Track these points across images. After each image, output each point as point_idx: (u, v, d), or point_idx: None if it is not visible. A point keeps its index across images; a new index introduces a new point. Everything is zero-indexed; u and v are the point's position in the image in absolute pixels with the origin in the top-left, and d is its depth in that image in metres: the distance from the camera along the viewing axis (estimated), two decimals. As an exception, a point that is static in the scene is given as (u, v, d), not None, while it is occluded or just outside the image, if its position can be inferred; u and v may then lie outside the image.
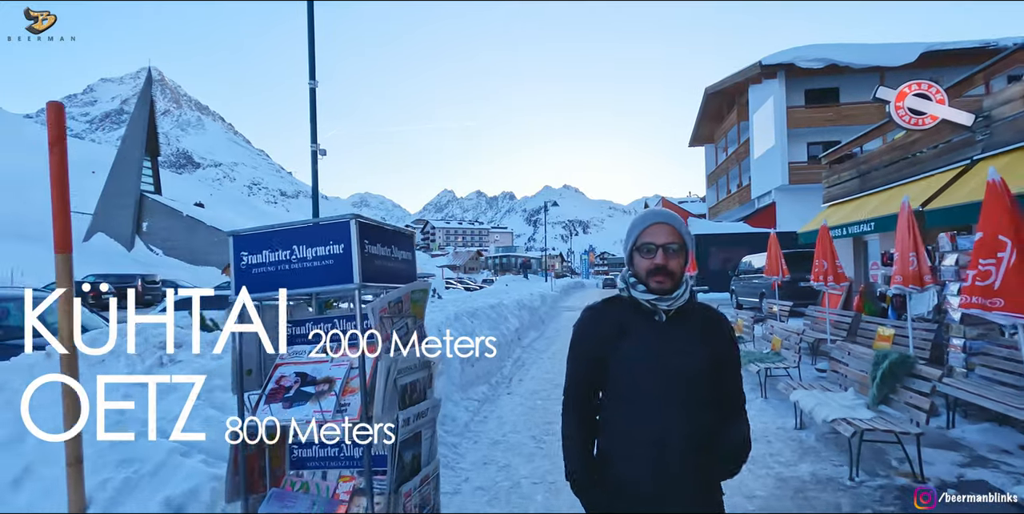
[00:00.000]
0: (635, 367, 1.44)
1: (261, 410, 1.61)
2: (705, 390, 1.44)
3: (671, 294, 1.43)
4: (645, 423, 1.41)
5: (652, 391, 1.42)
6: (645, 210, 1.55)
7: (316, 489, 1.70)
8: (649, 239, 1.45)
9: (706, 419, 1.41)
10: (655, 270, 1.42)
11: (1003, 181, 3.19)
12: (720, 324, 1.53)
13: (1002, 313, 3.07)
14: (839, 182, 11.38)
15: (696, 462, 1.40)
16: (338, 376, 1.63)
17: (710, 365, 1.44)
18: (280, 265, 1.64)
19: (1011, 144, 6.56)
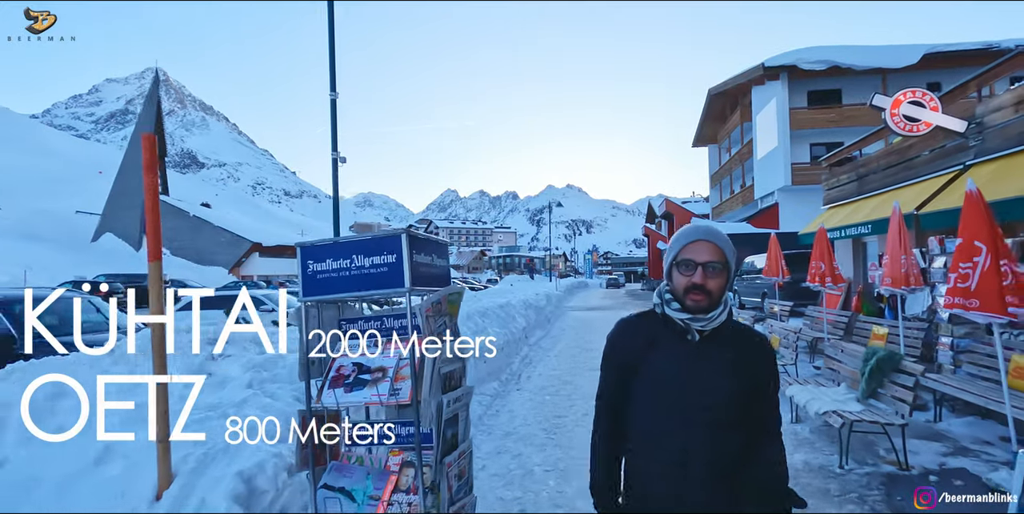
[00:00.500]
0: (659, 385, 1.42)
1: (326, 394, 1.90)
2: (733, 414, 1.39)
3: (707, 314, 1.39)
4: (667, 444, 1.39)
5: (675, 412, 1.39)
6: (689, 224, 1.51)
7: (370, 462, 1.99)
8: (689, 256, 1.40)
9: (733, 444, 1.37)
10: (692, 288, 1.38)
11: (979, 191, 3.45)
12: (759, 348, 1.47)
13: (978, 313, 3.35)
14: (838, 185, 11.63)
15: (720, 488, 1.37)
16: (389, 365, 1.92)
17: (742, 390, 1.40)
18: (341, 272, 1.93)
19: (1002, 150, 6.82)
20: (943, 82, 25.15)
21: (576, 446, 4.61)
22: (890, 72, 25.18)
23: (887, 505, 3.39)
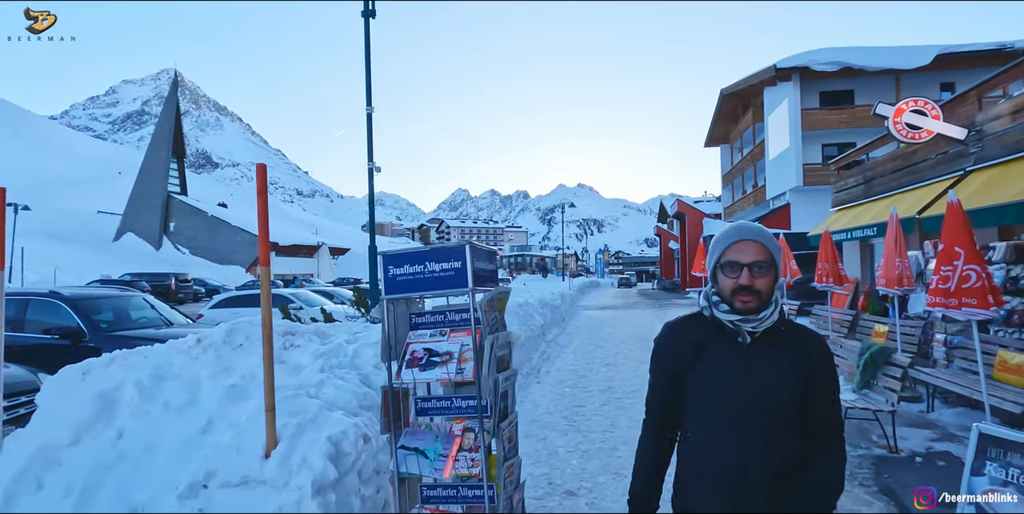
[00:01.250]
0: (713, 390, 1.40)
1: (404, 373, 2.37)
2: (791, 417, 1.37)
3: (757, 315, 1.36)
4: (723, 449, 1.37)
5: (731, 416, 1.37)
6: (731, 224, 1.48)
7: (436, 428, 2.46)
8: (734, 257, 1.38)
9: (791, 448, 1.34)
10: (740, 290, 1.35)
11: (959, 202, 3.84)
12: (815, 348, 1.43)
13: (958, 311, 3.75)
14: (846, 188, 11.95)
15: (778, 493, 1.34)
16: (454, 350, 2.38)
17: (799, 391, 1.36)
18: (416, 275, 2.40)
19: (1000, 157, 7.16)
20: (957, 82, 25.25)
21: (595, 431, 5.07)
22: (903, 73, 25.26)
23: (875, 481, 3.81)
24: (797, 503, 1.33)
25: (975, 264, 3.68)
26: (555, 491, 3.74)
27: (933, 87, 26.24)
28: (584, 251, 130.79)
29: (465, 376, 2.32)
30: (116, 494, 2.78)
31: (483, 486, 2.33)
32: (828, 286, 7.58)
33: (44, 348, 5.92)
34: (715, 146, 42.11)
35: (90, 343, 5.99)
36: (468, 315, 2.41)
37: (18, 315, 6.25)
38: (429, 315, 2.58)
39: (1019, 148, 6.85)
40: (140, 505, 2.70)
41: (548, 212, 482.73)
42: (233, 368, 3.33)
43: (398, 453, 2.39)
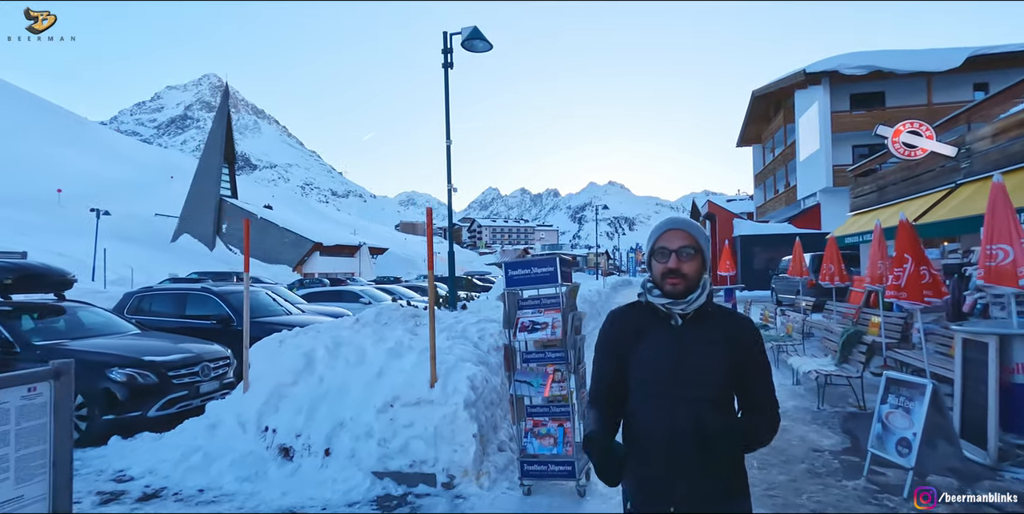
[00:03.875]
0: (649, 369, 1.49)
1: (519, 336, 3.86)
2: (719, 394, 1.47)
3: (685, 298, 1.47)
4: (657, 422, 1.47)
5: (665, 392, 1.46)
6: (664, 218, 1.62)
7: (536, 370, 3.94)
8: (663, 244, 1.50)
9: (719, 420, 1.39)
10: (668, 273, 1.47)
11: (907, 220, 5.12)
12: (743, 328, 1.53)
13: (907, 302, 5.02)
14: (862, 194, 13.01)
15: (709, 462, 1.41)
16: (548, 321, 3.85)
17: (728, 368, 1.47)
18: (525, 275, 3.87)
19: (985, 172, 8.27)
20: (991, 83, 25.49)
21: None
22: (934, 75, 25.60)
23: (841, 427, 5.15)
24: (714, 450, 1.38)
25: (926, 267, 4.98)
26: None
27: (966, 88, 26.52)
28: (615, 249, 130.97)
29: (556, 336, 3.82)
30: (328, 413, 4.39)
31: (567, 404, 3.84)
32: (834, 285, 8.80)
33: (203, 330, 7.68)
34: (747, 146, 42.55)
35: (238, 327, 7.72)
36: (557, 299, 3.91)
37: (180, 306, 8.06)
38: (529, 300, 4.08)
39: (999, 165, 7.98)
40: (346, 419, 4.29)
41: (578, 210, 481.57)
42: (386, 338, 4.91)
43: (515, 384, 3.90)
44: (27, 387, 2.04)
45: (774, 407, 1.53)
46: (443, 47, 7.84)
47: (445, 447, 3.93)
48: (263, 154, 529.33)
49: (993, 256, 4.04)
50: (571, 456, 3.72)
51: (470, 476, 3.85)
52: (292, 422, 4.38)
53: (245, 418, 4.50)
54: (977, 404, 4.07)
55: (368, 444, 4.08)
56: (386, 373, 4.51)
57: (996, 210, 4.11)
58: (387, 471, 3.95)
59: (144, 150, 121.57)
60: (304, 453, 4.21)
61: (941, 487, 3.61)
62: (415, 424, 4.04)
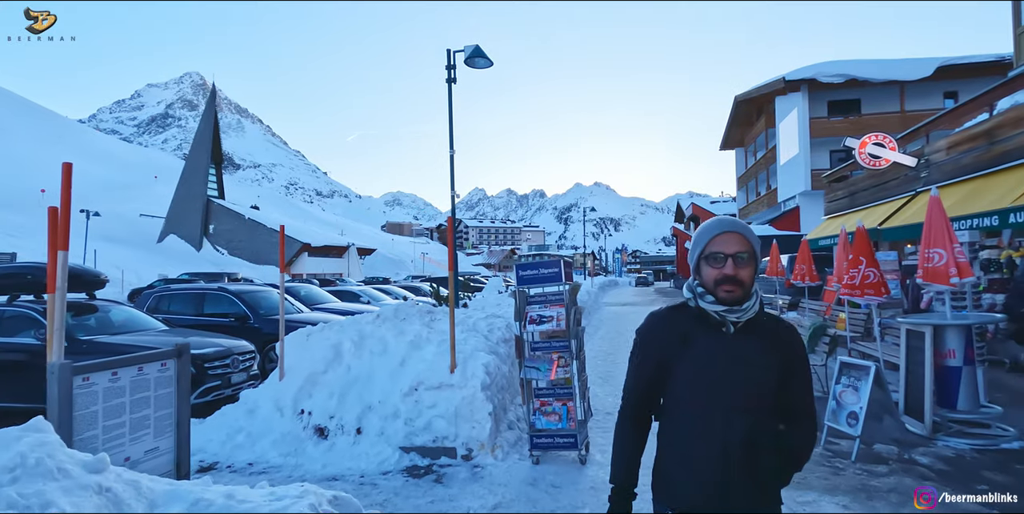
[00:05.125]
0: (700, 377, 1.43)
1: (528, 327, 4.47)
2: (772, 402, 1.43)
3: (741, 305, 1.41)
4: (708, 436, 1.41)
5: (717, 401, 1.41)
6: (712, 218, 1.53)
7: (542, 357, 4.55)
8: (718, 248, 1.42)
9: (771, 432, 1.37)
10: (724, 280, 1.40)
11: (863, 226, 5.84)
12: (790, 337, 1.49)
13: (861, 298, 5.73)
14: (835, 199, 13.85)
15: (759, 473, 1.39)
16: (554, 315, 4.47)
17: (779, 377, 1.43)
18: (533, 275, 4.49)
19: (941, 181, 9.09)
20: (960, 91, 26.68)
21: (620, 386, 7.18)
22: (907, 84, 26.71)
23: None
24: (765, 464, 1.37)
25: (873, 268, 5.70)
26: (597, 413, 5.85)
27: (936, 96, 27.70)
28: (601, 250, 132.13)
29: (560, 328, 4.45)
30: (357, 397, 4.96)
31: (570, 386, 4.47)
32: (806, 284, 9.54)
33: (222, 326, 8.18)
34: (730, 149, 43.59)
35: (254, 324, 8.25)
36: (561, 296, 4.54)
37: (199, 304, 8.55)
38: (536, 296, 4.71)
39: (953, 175, 8.79)
40: (374, 402, 4.88)
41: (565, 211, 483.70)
42: (406, 331, 5.49)
43: (524, 369, 4.52)
44: (160, 363, 2.61)
45: (813, 416, 1.50)
46: (446, 64, 8.41)
47: (464, 424, 4.53)
48: (247, 154, 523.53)
49: (930, 258, 4.75)
50: (574, 430, 4.35)
51: (486, 449, 4.46)
52: (325, 405, 4.95)
53: (282, 403, 5.06)
54: (917, 385, 4.78)
55: (395, 423, 4.67)
56: (408, 362, 5.10)
57: (932, 219, 4.82)
58: (413, 446, 4.54)
59: (127, 149, 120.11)
60: (338, 432, 4.79)
61: (883, 453, 4.31)
62: (437, 405, 4.63)
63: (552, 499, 3.69)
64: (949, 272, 4.64)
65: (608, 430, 5.19)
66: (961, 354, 4.70)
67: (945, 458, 4.18)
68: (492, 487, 3.92)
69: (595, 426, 5.17)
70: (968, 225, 6.95)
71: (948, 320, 4.76)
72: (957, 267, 4.64)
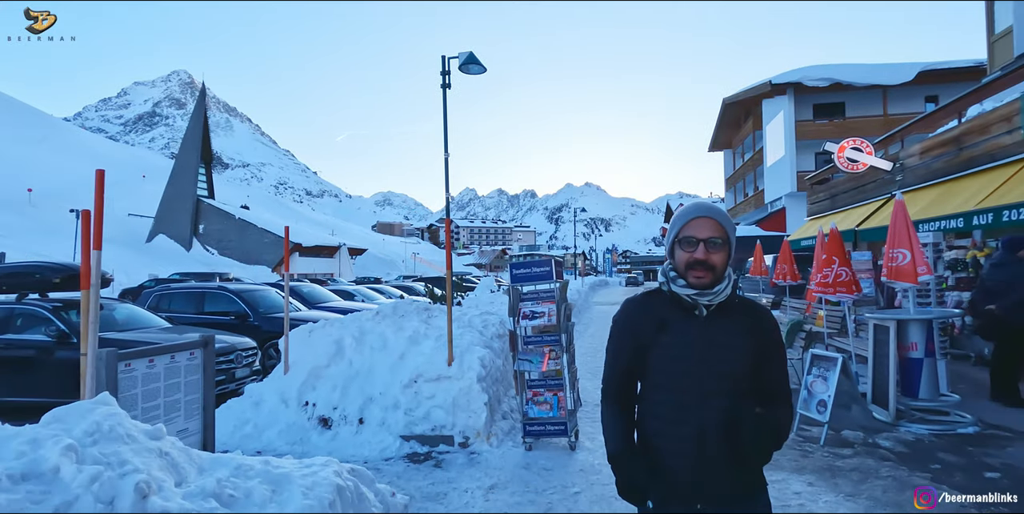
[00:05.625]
0: (675, 361, 1.44)
1: (521, 323, 4.76)
2: (747, 384, 1.44)
3: (711, 289, 1.41)
4: (685, 417, 1.42)
5: (693, 385, 1.42)
6: (690, 203, 1.51)
7: (535, 350, 4.85)
8: (690, 233, 1.43)
9: (747, 413, 1.38)
10: (694, 264, 1.41)
11: (836, 228, 6.20)
12: (764, 319, 1.50)
13: (834, 296, 6.10)
14: (817, 201, 14.29)
15: (736, 454, 1.40)
16: (545, 310, 4.77)
17: (753, 360, 1.44)
18: (526, 273, 4.78)
19: (914, 185, 9.51)
20: (940, 95, 27.36)
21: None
22: (889, 88, 27.37)
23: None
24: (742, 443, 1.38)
25: (845, 267, 6.06)
26: (586, 405, 6.15)
27: (918, 100, 28.37)
28: (591, 250, 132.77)
29: (552, 323, 4.75)
30: (359, 389, 5.23)
31: (560, 378, 4.77)
32: (787, 283, 9.93)
33: (222, 324, 8.40)
34: (719, 151, 44.18)
35: (254, 322, 8.48)
36: (552, 293, 4.84)
37: (199, 303, 8.76)
38: (529, 293, 5.01)
39: (926, 178, 9.21)
40: (375, 394, 5.15)
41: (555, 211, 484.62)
42: (405, 327, 5.77)
43: (518, 361, 4.82)
44: (189, 352, 2.88)
45: (789, 399, 1.51)
46: (441, 70, 8.68)
47: (461, 414, 4.82)
48: (235, 153, 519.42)
49: (894, 258, 5.11)
50: (564, 418, 4.66)
51: (482, 437, 4.76)
52: (329, 397, 5.21)
53: (287, 395, 5.32)
54: (883, 375, 5.14)
55: (396, 414, 4.95)
56: (407, 356, 5.38)
57: (897, 222, 5.18)
58: (413, 435, 4.83)
59: (113, 148, 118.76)
60: (341, 422, 5.06)
61: (850, 438, 4.65)
62: (436, 396, 4.92)
63: (544, 480, 3.98)
64: (917, 270, 4.99)
65: (595, 420, 5.50)
66: (922, 346, 5.06)
67: (905, 442, 4.54)
68: (488, 470, 4.21)
69: (583, 416, 5.47)
70: (937, 227, 7.35)
71: (911, 315, 5.12)
72: (923, 266, 5.00)
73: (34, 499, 1.46)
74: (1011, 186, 6.46)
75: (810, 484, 3.74)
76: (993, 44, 12.35)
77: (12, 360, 6.05)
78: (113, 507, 1.55)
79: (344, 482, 2.17)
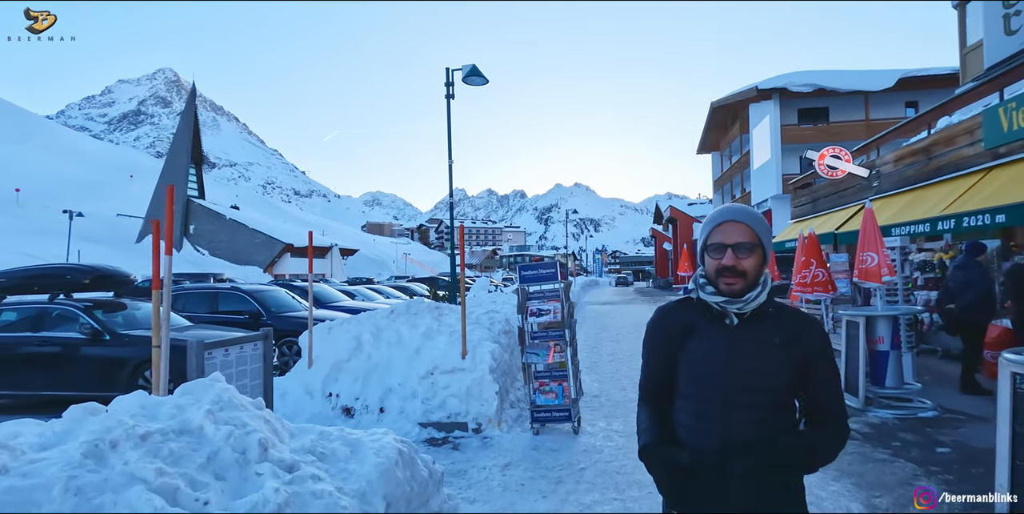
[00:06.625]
0: (699, 371, 1.40)
1: (528, 319, 5.24)
2: (778, 398, 1.36)
3: (742, 296, 1.35)
4: (707, 430, 1.36)
5: (717, 395, 1.36)
6: (720, 207, 1.47)
7: (541, 344, 5.33)
8: (719, 239, 1.38)
9: (776, 429, 1.31)
10: (724, 270, 1.36)
11: (813, 233, 6.76)
12: (807, 330, 1.39)
13: (812, 294, 6.66)
14: (800, 204, 14.95)
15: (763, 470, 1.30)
16: (551, 308, 5.25)
17: (788, 372, 1.34)
18: (533, 274, 5.25)
19: (889, 191, 10.14)
20: (920, 101, 28.29)
21: (605, 372, 7.99)
22: (871, 94, 28.24)
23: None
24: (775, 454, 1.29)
25: (822, 269, 6.63)
26: (586, 395, 6.67)
27: (898, 106, 29.30)
28: (581, 250, 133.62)
29: (557, 320, 5.25)
30: (378, 381, 5.70)
31: (564, 369, 5.27)
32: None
33: (236, 323, 8.79)
34: (707, 153, 44.98)
35: (267, 321, 8.88)
36: (557, 292, 5.34)
37: (213, 303, 9.16)
38: (535, 293, 5.50)
39: (898, 186, 9.84)
40: (394, 385, 5.62)
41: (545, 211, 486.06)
42: (418, 324, 6.24)
43: (526, 354, 5.31)
44: (254, 343, 3.34)
45: (841, 418, 1.40)
46: (445, 81, 9.19)
47: (474, 403, 5.31)
48: (223, 152, 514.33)
49: (864, 260, 5.67)
50: (568, 406, 5.15)
51: (493, 423, 5.24)
52: (351, 389, 5.67)
53: (312, 387, 5.77)
54: (853, 366, 5.70)
55: (414, 403, 5.42)
56: (423, 350, 5.85)
57: (866, 227, 5.74)
58: (430, 422, 5.30)
59: (99, 147, 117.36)
60: (363, 411, 5.52)
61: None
62: (451, 386, 5.40)
63: (553, 459, 4.48)
64: (882, 272, 5.56)
65: (595, 409, 6.03)
66: (889, 340, 5.63)
67: (871, 424, 5.09)
68: (501, 452, 4.70)
69: (584, 406, 5.98)
70: (907, 231, 7.95)
71: (878, 312, 5.68)
72: (887, 267, 5.57)
73: (192, 448, 1.93)
74: (972, 194, 7.07)
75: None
76: (965, 56, 13.07)
77: (47, 356, 6.43)
78: (245, 457, 2.02)
79: (403, 447, 2.64)
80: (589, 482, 3.97)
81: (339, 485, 2.15)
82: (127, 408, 2.05)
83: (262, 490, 1.86)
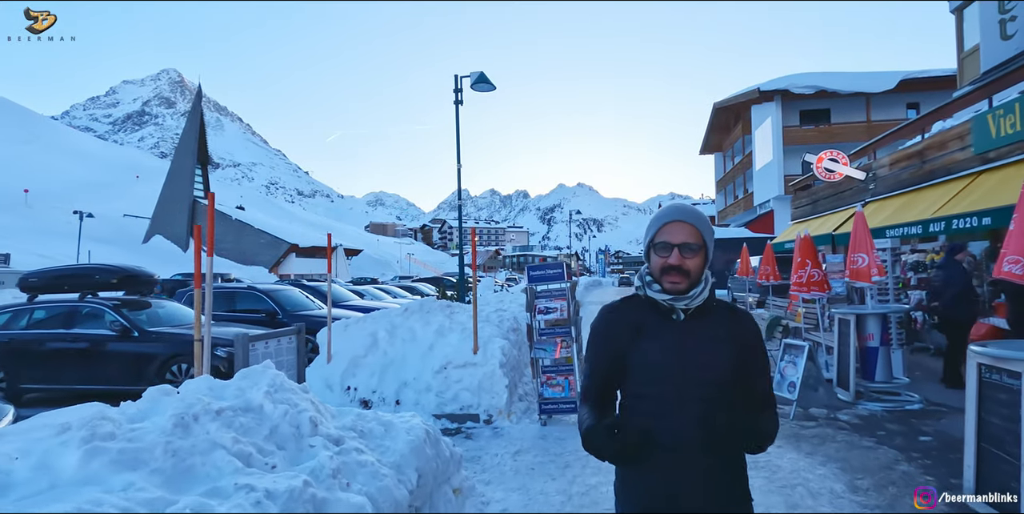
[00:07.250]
0: (653, 367, 1.40)
1: (536, 317, 5.55)
2: (728, 390, 1.39)
3: (687, 293, 1.39)
4: (663, 424, 1.37)
5: (671, 391, 1.38)
6: (666, 206, 1.49)
7: (548, 340, 5.64)
8: (665, 238, 1.40)
9: (726, 422, 1.32)
10: (668, 269, 1.39)
11: (808, 235, 7.06)
12: (746, 325, 1.46)
13: (807, 294, 6.97)
14: (800, 206, 15.22)
15: (714, 464, 1.37)
16: (558, 306, 5.57)
17: (733, 364, 1.39)
18: (541, 274, 5.57)
19: (885, 193, 10.43)
20: (921, 103, 28.48)
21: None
22: (873, 95, 28.45)
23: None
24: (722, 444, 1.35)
25: (817, 269, 6.93)
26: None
27: (900, 107, 29.50)
28: (584, 250, 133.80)
29: (563, 317, 5.56)
30: (394, 376, 6.02)
31: (570, 364, 5.59)
32: (770, 283, 10.83)
33: (253, 321, 9.12)
34: (709, 154, 45.18)
35: (283, 319, 9.22)
36: (563, 292, 5.66)
37: (231, 301, 9.50)
38: (543, 292, 5.82)
39: (894, 188, 10.12)
40: (409, 379, 5.94)
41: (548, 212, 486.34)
42: (431, 322, 6.56)
43: (534, 350, 5.63)
44: (288, 337, 3.67)
45: (773, 405, 1.48)
46: (454, 87, 9.51)
47: (485, 395, 5.63)
48: (226, 152, 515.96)
49: (855, 261, 5.97)
50: (574, 398, 5.47)
51: (503, 415, 5.56)
52: (368, 383, 6.00)
53: (331, 381, 6.09)
54: (845, 362, 6.00)
55: (428, 396, 5.74)
56: (436, 347, 6.18)
57: (857, 229, 6.04)
58: (443, 413, 5.62)
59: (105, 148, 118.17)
60: (380, 404, 5.84)
61: (815, 414, 5.50)
62: (463, 380, 5.72)
63: (560, 447, 4.79)
64: (871, 272, 5.85)
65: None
66: (878, 337, 5.93)
67: (861, 416, 5.40)
68: (512, 440, 5.02)
69: (589, 399, 6.29)
70: (900, 233, 8.24)
71: (868, 310, 5.98)
72: (876, 268, 5.87)
73: (256, 422, 2.25)
74: (962, 197, 7.36)
75: (779, 446, 4.57)
76: (963, 60, 13.34)
77: (78, 352, 6.77)
78: (299, 431, 2.35)
79: (429, 428, 2.97)
80: (594, 467, 4.28)
81: (378, 457, 2.48)
82: (197, 389, 2.38)
83: (317, 457, 2.18)
